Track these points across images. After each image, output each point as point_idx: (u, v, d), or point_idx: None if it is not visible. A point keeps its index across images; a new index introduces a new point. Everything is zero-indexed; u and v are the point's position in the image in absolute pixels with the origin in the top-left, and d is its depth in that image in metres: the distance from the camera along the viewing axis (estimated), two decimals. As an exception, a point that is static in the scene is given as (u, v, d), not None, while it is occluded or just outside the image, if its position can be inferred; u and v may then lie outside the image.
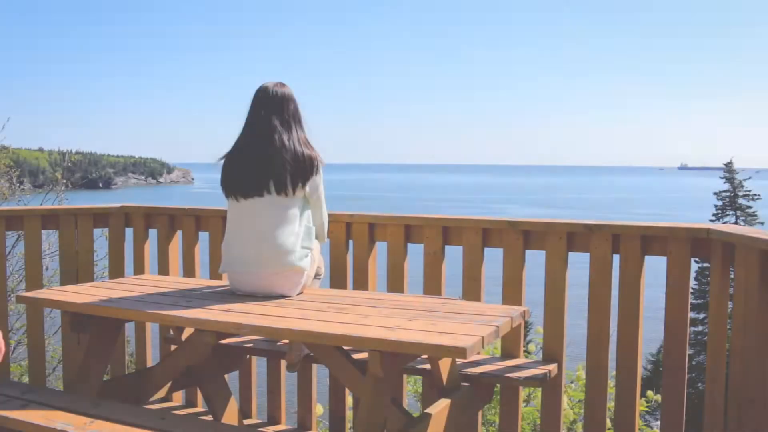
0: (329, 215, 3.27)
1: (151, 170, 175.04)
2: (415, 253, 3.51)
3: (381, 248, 3.64)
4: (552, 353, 3.18)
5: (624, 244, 3.02)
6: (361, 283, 3.58)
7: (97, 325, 3.03)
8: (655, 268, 3.25)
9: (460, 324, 2.41)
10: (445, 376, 2.85)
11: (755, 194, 25.27)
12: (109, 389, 3.11)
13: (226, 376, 3.42)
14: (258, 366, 3.95)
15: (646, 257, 3.04)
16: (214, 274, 3.81)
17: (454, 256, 3.38)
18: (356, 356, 3.05)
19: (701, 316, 19.45)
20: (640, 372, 3.08)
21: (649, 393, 4.87)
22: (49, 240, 6.74)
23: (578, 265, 3.38)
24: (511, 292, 3.24)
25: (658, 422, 3.10)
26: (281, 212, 2.88)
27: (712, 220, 24.52)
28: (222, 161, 3.01)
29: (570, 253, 3.17)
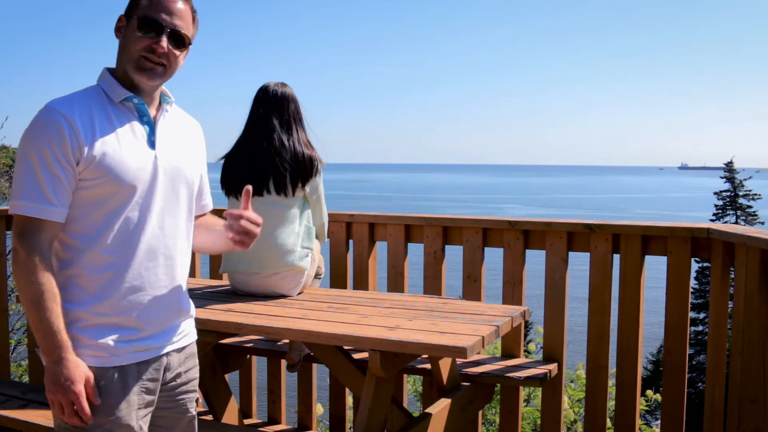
0: (329, 215, 3.27)
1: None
2: (415, 253, 3.51)
3: (381, 248, 3.64)
4: (552, 353, 3.19)
5: (624, 243, 3.02)
6: (361, 283, 3.58)
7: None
8: (655, 268, 3.25)
9: (461, 324, 2.41)
10: (445, 376, 2.85)
11: (756, 194, 25.30)
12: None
13: (226, 375, 3.42)
14: (258, 366, 3.95)
15: (646, 257, 3.04)
16: (215, 274, 3.81)
17: (454, 256, 3.39)
18: (356, 356, 3.05)
19: (701, 315, 19.47)
20: (640, 372, 3.08)
21: (648, 392, 4.87)
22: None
23: (578, 265, 3.38)
24: (511, 292, 3.24)
25: (658, 422, 3.10)
26: (281, 212, 2.88)
27: (712, 220, 24.53)
28: (222, 161, 3.01)
29: (570, 253, 3.17)
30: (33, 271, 1.55)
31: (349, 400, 3.83)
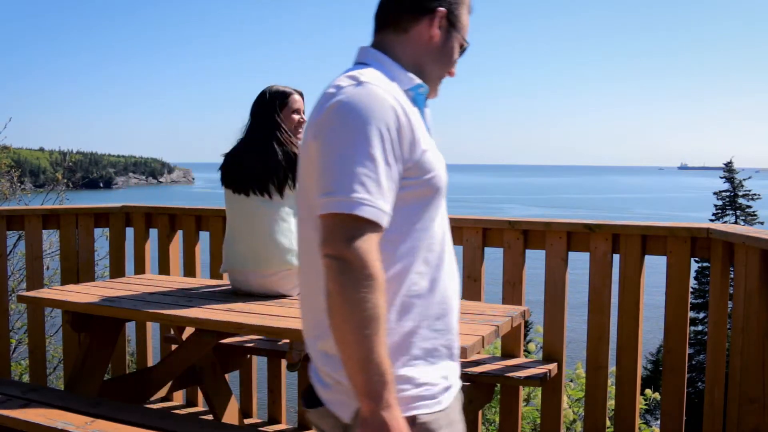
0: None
1: (152, 170, 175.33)
2: (416, 253, 3.50)
3: (381, 248, 3.64)
4: (552, 353, 3.19)
5: (624, 243, 3.03)
6: (361, 283, 3.58)
7: (98, 325, 3.04)
8: (655, 268, 3.25)
9: (461, 324, 2.40)
10: (445, 376, 2.85)
11: (755, 194, 25.31)
12: (110, 389, 3.12)
13: (226, 375, 3.43)
14: (258, 365, 3.95)
15: (646, 257, 3.04)
16: (215, 274, 3.81)
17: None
18: (356, 356, 3.05)
19: (701, 315, 19.48)
20: (639, 372, 3.08)
21: (647, 391, 4.88)
22: (50, 240, 6.75)
23: (578, 265, 3.38)
24: (511, 292, 3.24)
25: (658, 421, 3.10)
26: (279, 211, 2.88)
27: (712, 220, 24.54)
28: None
29: (570, 253, 3.17)
30: (372, 289, 1.17)
31: (350, 399, 3.83)
